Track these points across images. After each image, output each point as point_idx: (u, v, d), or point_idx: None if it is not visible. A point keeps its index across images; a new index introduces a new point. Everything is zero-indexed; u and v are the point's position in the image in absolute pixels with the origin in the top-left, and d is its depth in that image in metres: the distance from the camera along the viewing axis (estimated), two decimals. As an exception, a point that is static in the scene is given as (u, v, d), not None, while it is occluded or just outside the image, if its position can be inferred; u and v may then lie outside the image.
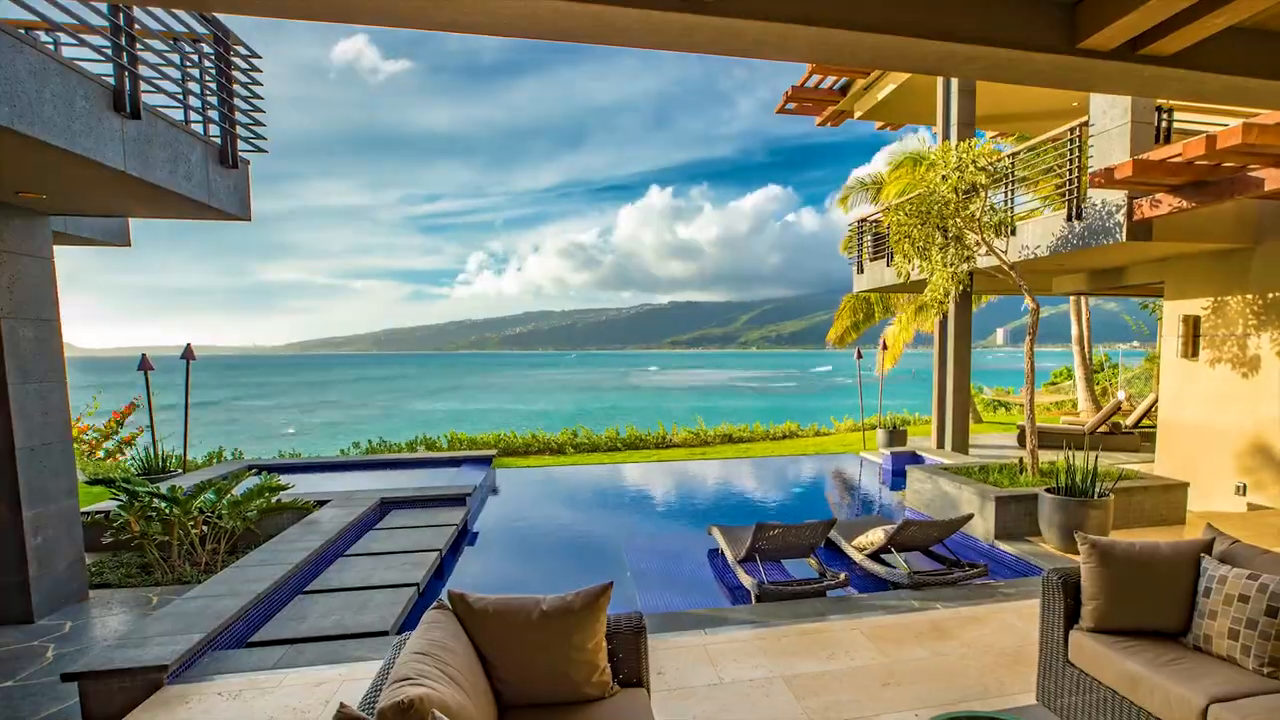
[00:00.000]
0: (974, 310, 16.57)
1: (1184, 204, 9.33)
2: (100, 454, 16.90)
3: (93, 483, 9.05)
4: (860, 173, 27.22)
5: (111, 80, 6.03)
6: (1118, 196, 10.31)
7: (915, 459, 15.45)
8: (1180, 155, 8.23)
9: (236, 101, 8.06)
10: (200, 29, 7.49)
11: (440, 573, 9.38)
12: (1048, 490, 9.21)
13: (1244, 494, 11.06)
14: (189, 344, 15.51)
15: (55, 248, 7.94)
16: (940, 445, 16.20)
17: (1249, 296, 10.98)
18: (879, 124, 19.25)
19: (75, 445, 16.80)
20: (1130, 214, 10.14)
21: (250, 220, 8.50)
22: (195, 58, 7.57)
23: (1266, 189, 8.44)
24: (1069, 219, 11.27)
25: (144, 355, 14.97)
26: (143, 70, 6.44)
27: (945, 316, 15.46)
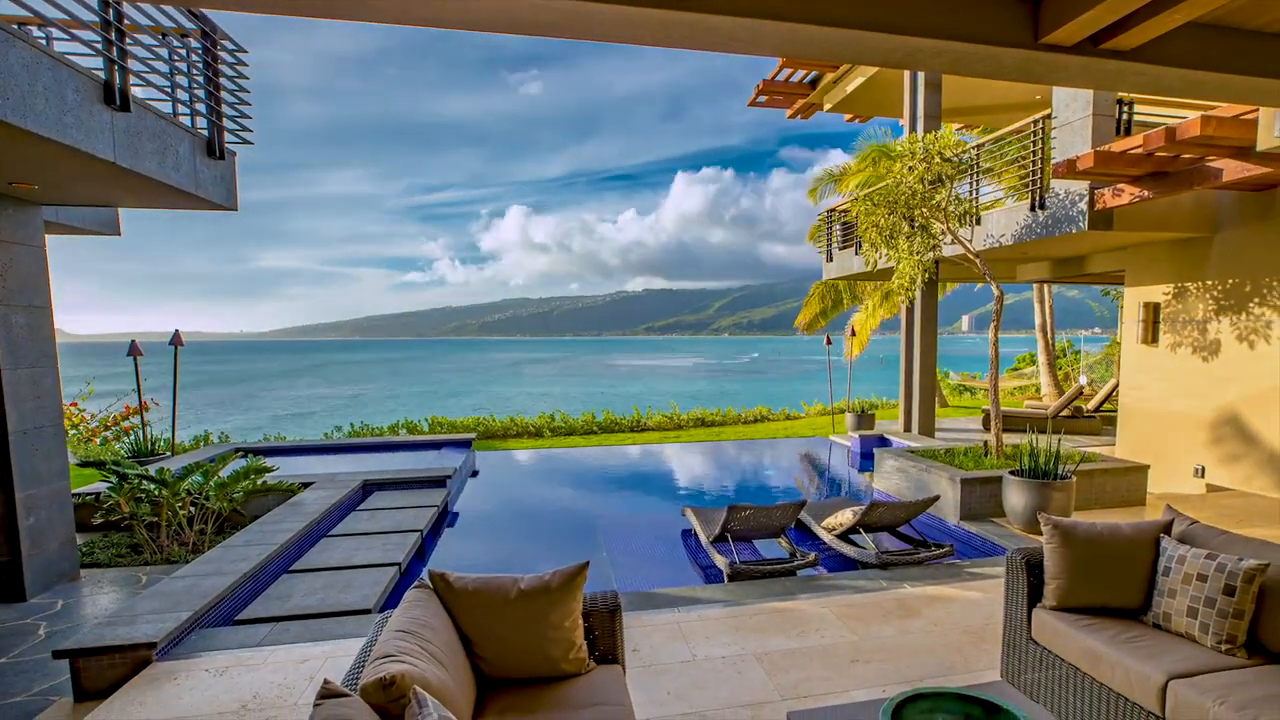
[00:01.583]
0: (940, 297, 16.67)
1: (1144, 194, 9.42)
2: (98, 441, 16.90)
3: (84, 465, 9.17)
4: (829, 165, 27.39)
5: (102, 74, 6.07)
6: (1080, 187, 10.40)
7: (883, 442, 15.55)
8: (1140, 147, 8.31)
9: (223, 95, 8.13)
10: (188, 24, 7.60)
11: (421, 553, 9.40)
12: (1012, 473, 9.28)
13: (1203, 476, 11.22)
14: (177, 330, 15.57)
15: (47, 236, 8.01)
16: (907, 429, 16.31)
17: (1208, 284, 11.12)
18: (848, 116, 19.30)
19: (74, 431, 16.89)
20: (1092, 204, 10.23)
21: (236, 210, 8.56)
22: (183, 52, 7.66)
23: (1224, 179, 8.56)
24: (1032, 209, 11.36)
25: (133, 341, 14.96)
26: (132, 64, 6.50)
27: (912, 304, 15.55)
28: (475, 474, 14.98)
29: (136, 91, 6.51)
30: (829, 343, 22.02)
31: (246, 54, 8.36)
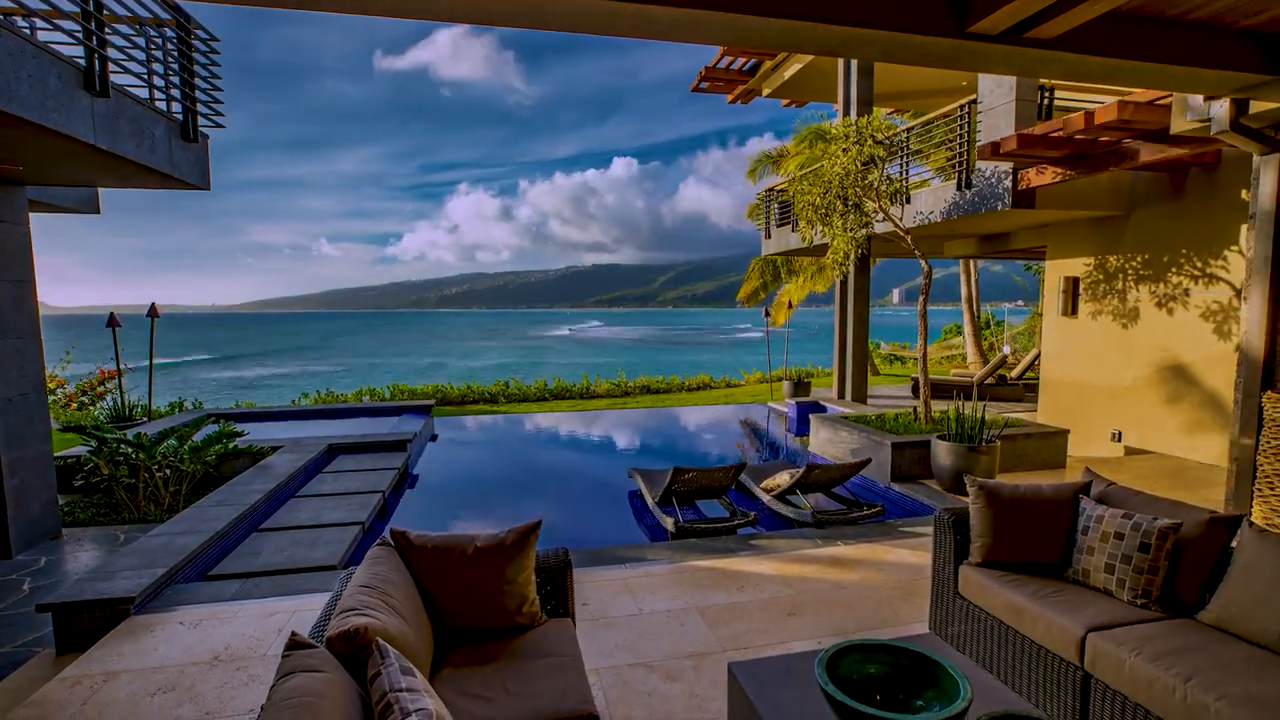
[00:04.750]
0: (872, 272, 16.82)
1: (1065, 174, 9.57)
2: (75, 406, 16.82)
3: (66, 429, 9.26)
4: (767, 146, 27.56)
5: (82, 61, 6.15)
6: (1004, 167, 10.53)
7: (818, 408, 15.71)
8: (1061, 130, 8.43)
9: (197, 81, 8.20)
10: (164, 14, 7.68)
11: (384, 512, 9.47)
12: (939, 437, 9.42)
13: (1120, 440, 11.48)
14: (153, 303, 15.62)
15: (30, 214, 8.15)
16: (841, 396, 16.48)
17: (1124, 259, 11.34)
18: (785, 101, 19.32)
19: (53, 398, 16.99)
20: (1015, 184, 10.36)
21: (209, 189, 8.68)
22: (159, 41, 7.74)
23: (1140, 161, 8.70)
24: (959, 188, 11.48)
25: (112, 314, 14.91)
26: (111, 52, 6.63)
27: (845, 278, 15.67)
28: (434, 438, 15.03)
29: (115, 78, 6.58)
30: (768, 315, 22.16)
31: (219, 43, 8.45)
